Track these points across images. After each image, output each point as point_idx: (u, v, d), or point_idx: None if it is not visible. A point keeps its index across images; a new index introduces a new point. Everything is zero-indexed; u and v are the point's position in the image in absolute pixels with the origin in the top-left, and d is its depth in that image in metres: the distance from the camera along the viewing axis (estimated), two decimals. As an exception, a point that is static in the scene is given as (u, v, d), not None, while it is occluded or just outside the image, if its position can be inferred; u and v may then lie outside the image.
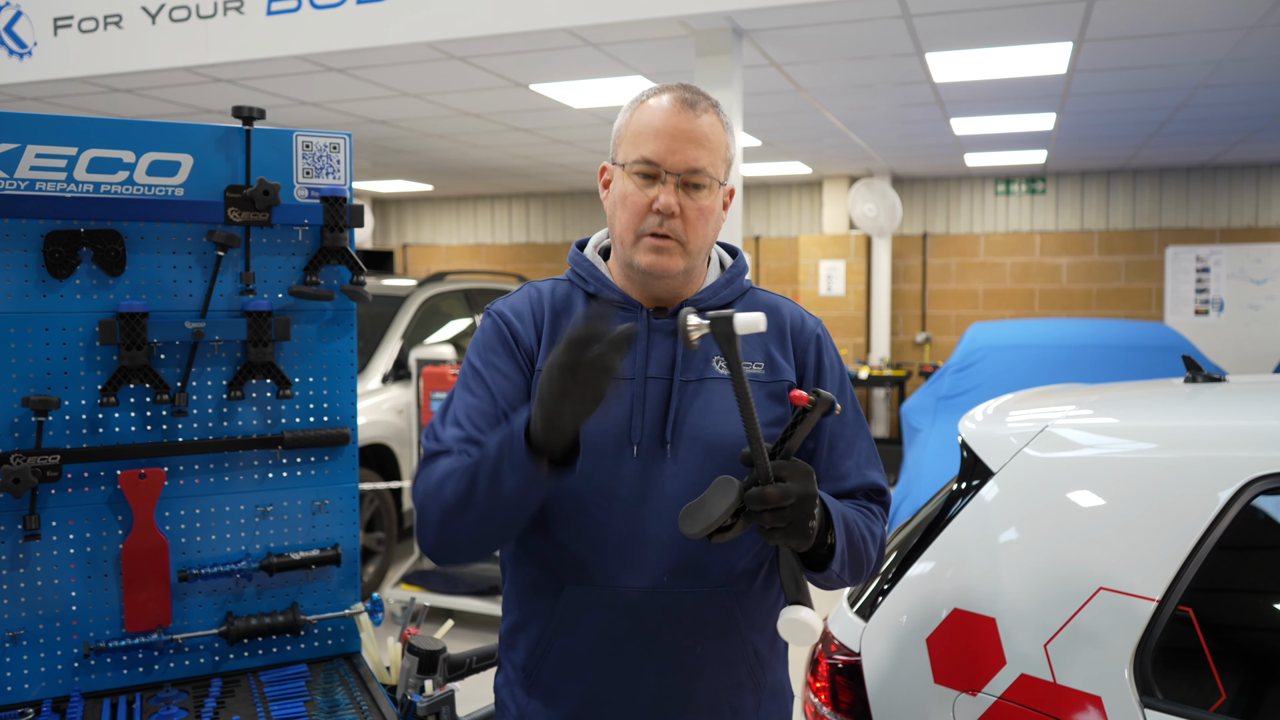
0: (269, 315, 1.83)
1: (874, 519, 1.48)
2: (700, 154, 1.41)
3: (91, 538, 1.75)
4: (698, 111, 1.42)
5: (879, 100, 6.35)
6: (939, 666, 1.75)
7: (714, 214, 1.46)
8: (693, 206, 1.41)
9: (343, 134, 1.89)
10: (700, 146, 1.41)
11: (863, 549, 1.41)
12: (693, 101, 1.43)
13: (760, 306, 1.52)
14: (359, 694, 1.74)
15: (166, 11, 4.87)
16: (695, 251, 1.44)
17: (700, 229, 1.43)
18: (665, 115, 1.41)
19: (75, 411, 1.73)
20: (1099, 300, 9.78)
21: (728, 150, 1.47)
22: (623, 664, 1.43)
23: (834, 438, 1.50)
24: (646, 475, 1.42)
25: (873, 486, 1.51)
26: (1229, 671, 1.55)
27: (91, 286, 1.73)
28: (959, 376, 5.75)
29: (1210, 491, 1.62)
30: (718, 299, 1.51)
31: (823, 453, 1.49)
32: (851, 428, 1.52)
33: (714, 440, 1.42)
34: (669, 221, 1.41)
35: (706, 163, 1.41)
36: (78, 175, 1.71)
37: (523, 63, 5.27)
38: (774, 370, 1.48)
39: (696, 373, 1.45)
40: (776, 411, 1.45)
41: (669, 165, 1.40)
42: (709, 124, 1.43)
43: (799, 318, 1.55)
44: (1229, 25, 4.63)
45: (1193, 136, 7.74)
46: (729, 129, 1.48)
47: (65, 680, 1.73)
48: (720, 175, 1.45)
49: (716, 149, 1.43)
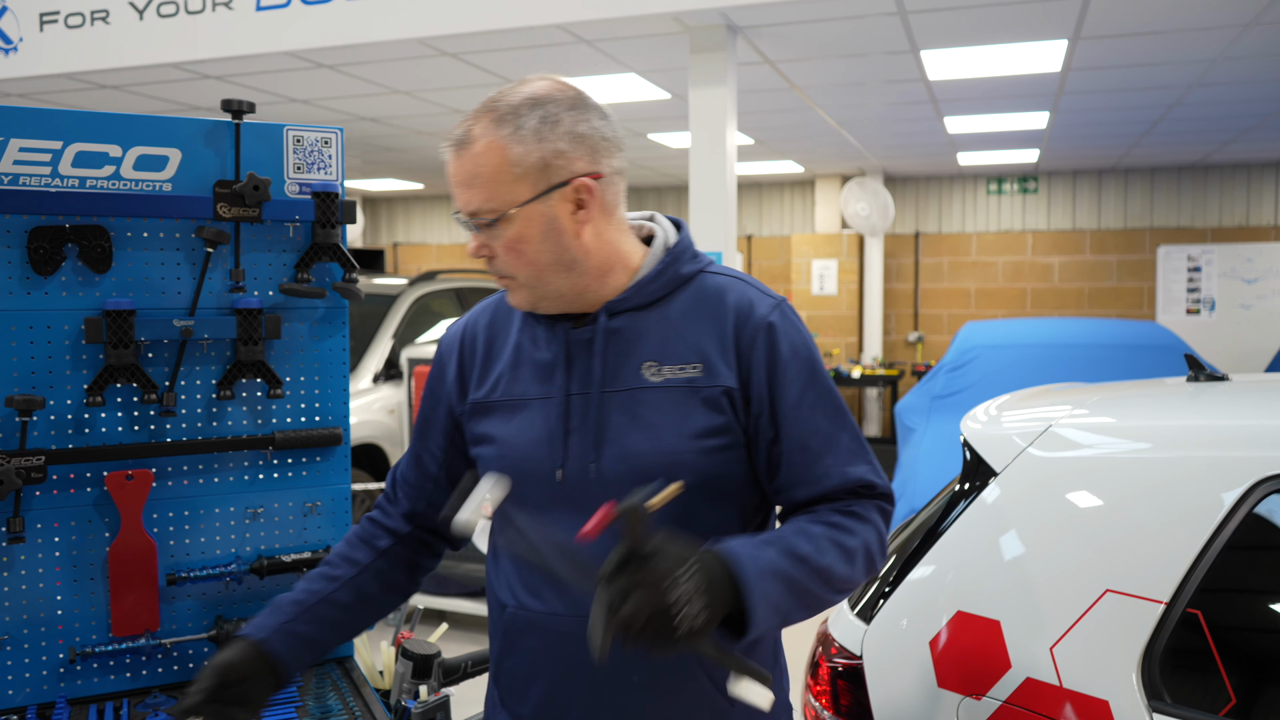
0: (259, 313, 1.79)
1: (849, 528, 1.31)
2: (472, 195, 1.30)
3: (78, 540, 1.71)
4: (464, 148, 1.30)
5: (872, 98, 6.33)
6: (942, 670, 1.72)
7: (535, 238, 1.30)
8: (500, 244, 1.31)
9: (334, 128, 1.86)
10: (470, 187, 1.30)
11: (819, 583, 1.26)
12: (460, 139, 1.31)
13: (706, 295, 1.38)
14: (352, 699, 1.71)
15: (154, 7, 4.82)
16: (535, 282, 1.33)
17: (520, 261, 1.31)
18: (449, 165, 1.33)
19: (60, 411, 1.69)
20: (1091, 299, 9.79)
21: (517, 167, 1.28)
22: (563, 690, 1.36)
23: (806, 436, 1.34)
24: (576, 497, 1.33)
25: (859, 482, 1.35)
26: (1238, 674, 1.52)
27: (77, 284, 1.70)
28: (953, 376, 5.74)
29: (1218, 492, 1.60)
30: (644, 296, 1.37)
31: (794, 455, 1.34)
32: (828, 420, 1.35)
33: (641, 455, 1.31)
34: (494, 263, 1.34)
35: (480, 201, 1.29)
36: (63, 170, 1.67)
37: (515, 59, 5.23)
38: (711, 373, 1.33)
39: (624, 383, 1.34)
40: (715, 420, 1.32)
41: (464, 213, 1.32)
42: (477, 156, 1.29)
43: (746, 305, 1.36)
44: (1223, 23, 4.63)
45: (1185, 135, 7.74)
46: (519, 138, 1.28)
47: (51, 686, 1.69)
48: (506, 203, 1.28)
49: (493, 179, 1.28)
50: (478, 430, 1.43)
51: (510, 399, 1.40)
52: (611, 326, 1.36)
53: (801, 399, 1.34)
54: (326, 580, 1.47)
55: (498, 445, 1.39)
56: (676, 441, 1.31)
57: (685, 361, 1.34)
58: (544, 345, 1.39)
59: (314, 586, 1.46)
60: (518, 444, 1.37)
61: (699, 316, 1.36)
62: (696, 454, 1.31)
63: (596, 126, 1.33)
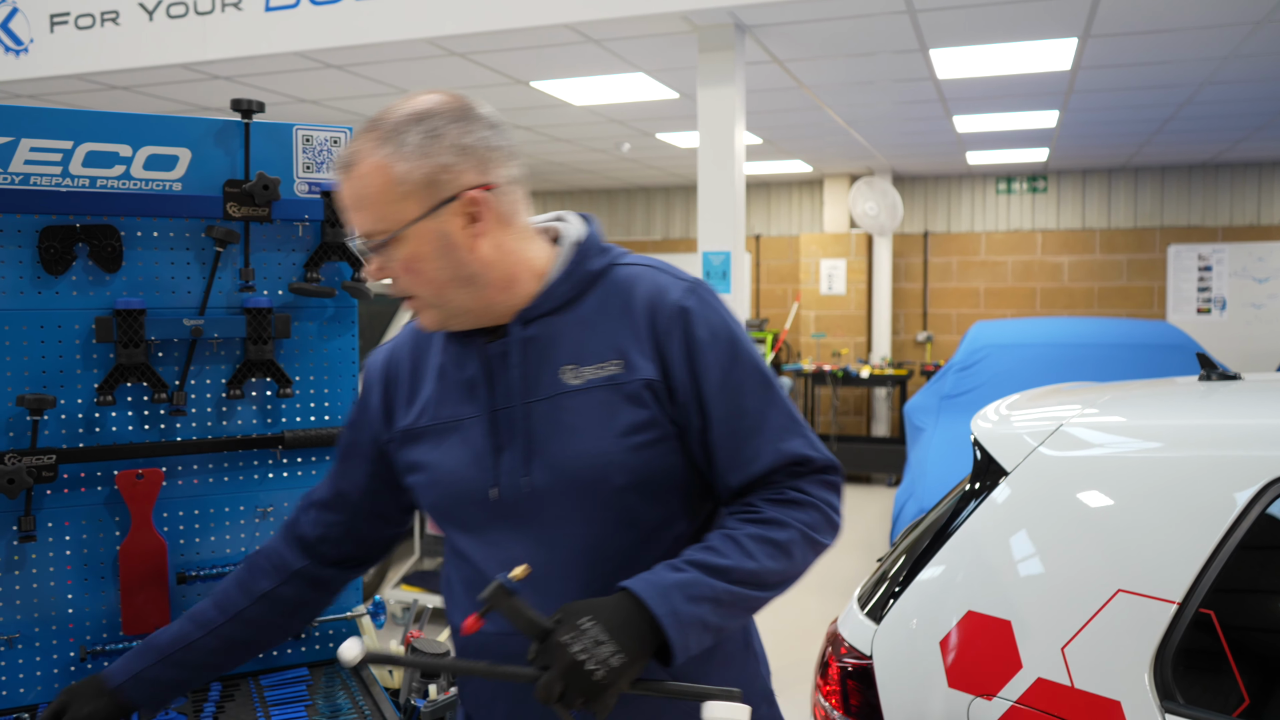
0: (269, 312, 1.80)
1: (779, 523, 1.27)
2: (361, 217, 1.26)
3: (88, 539, 1.72)
4: (348, 170, 1.26)
5: (881, 97, 6.32)
6: (953, 670, 1.72)
7: (431, 256, 1.26)
8: (394, 265, 1.27)
9: (344, 128, 1.86)
10: (359, 209, 1.26)
11: (751, 588, 1.24)
12: (344, 160, 1.27)
13: (618, 289, 1.34)
14: (361, 698, 1.71)
15: (164, 8, 4.83)
16: (438, 300, 1.29)
17: (418, 280, 1.28)
18: (338, 189, 1.30)
19: (71, 410, 1.70)
20: (1101, 299, 9.75)
21: (403, 185, 1.23)
22: (528, 708, 1.31)
23: (733, 419, 1.30)
24: (513, 514, 1.31)
25: (793, 458, 1.30)
26: (1251, 675, 1.51)
27: (88, 283, 1.70)
28: (962, 375, 5.73)
29: (1231, 491, 1.59)
30: (555, 299, 1.33)
31: (723, 440, 1.30)
32: (755, 400, 1.31)
33: (574, 462, 1.28)
34: (394, 285, 1.30)
35: (370, 223, 1.26)
36: (73, 169, 1.67)
37: (524, 59, 5.23)
38: (630, 368, 1.29)
39: (545, 390, 1.31)
40: (638, 415, 1.29)
41: (356, 236, 1.29)
42: (360, 177, 1.25)
43: (658, 293, 1.32)
44: (1234, 21, 4.60)
45: (1196, 134, 7.71)
46: (412, 153, 1.24)
47: (62, 684, 1.70)
48: (398, 221, 1.24)
49: (378, 199, 1.24)
50: (409, 458, 1.39)
51: (438, 423, 1.36)
52: (526, 335, 1.32)
53: (725, 382, 1.30)
54: (197, 625, 1.45)
55: (430, 471, 1.37)
56: (604, 443, 1.28)
57: (604, 359, 1.30)
58: (464, 363, 1.36)
59: (184, 629, 1.45)
60: (450, 468, 1.34)
61: (613, 312, 1.32)
62: (626, 452, 1.28)
63: (484, 137, 1.28)
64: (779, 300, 10.75)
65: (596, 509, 1.29)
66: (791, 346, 10.50)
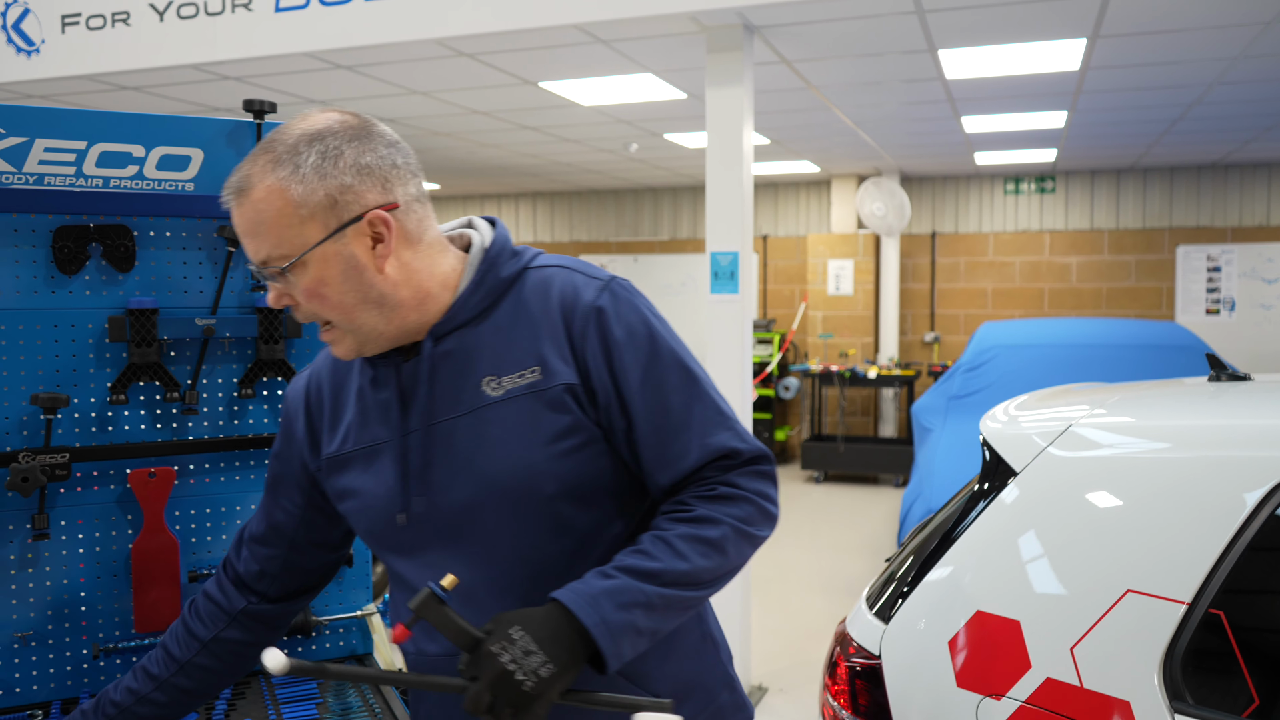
0: (280, 312, 1.80)
1: (709, 520, 1.24)
2: (259, 244, 1.21)
3: (101, 537, 1.73)
4: (242, 195, 1.21)
5: (889, 98, 6.31)
6: (961, 670, 1.72)
7: (336, 279, 1.22)
8: (300, 290, 1.23)
9: (355, 128, 1.86)
10: (256, 236, 1.21)
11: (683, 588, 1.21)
12: (236, 186, 1.22)
13: (533, 293, 1.30)
14: (372, 697, 1.71)
15: (174, 9, 4.85)
16: (350, 323, 1.25)
17: (324, 305, 1.23)
18: (232, 216, 1.24)
19: (84, 409, 1.71)
20: (1109, 300, 9.73)
21: (303, 208, 1.19)
22: None
23: (656, 417, 1.27)
24: (434, 541, 1.29)
25: (720, 452, 1.27)
26: (1261, 676, 1.51)
27: (101, 283, 1.71)
28: (970, 376, 5.73)
29: (1240, 492, 1.59)
30: (468, 310, 1.30)
31: (648, 439, 1.27)
32: (679, 395, 1.28)
33: (502, 474, 1.26)
34: (299, 311, 1.26)
35: (269, 249, 1.21)
36: (87, 170, 1.69)
37: (532, 60, 5.24)
38: (550, 373, 1.26)
39: (466, 405, 1.27)
40: (562, 421, 1.26)
41: (255, 264, 1.24)
42: (256, 203, 1.20)
43: (571, 294, 1.29)
44: (1244, 21, 4.59)
45: (1205, 135, 7.68)
46: (310, 175, 1.19)
47: (75, 682, 1.71)
48: (299, 245, 1.20)
49: (277, 224, 1.19)
50: (338, 485, 1.37)
51: (361, 447, 1.34)
52: (441, 350, 1.29)
53: (645, 380, 1.27)
54: (148, 679, 1.44)
55: (358, 498, 1.34)
56: (530, 452, 1.25)
57: (522, 368, 1.27)
58: (381, 385, 1.33)
59: (136, 684, 1.44)
60: (374, 492, 1.32)
61: (528, 317, 1.29)
62: (553, 460, 1.25)
63: (384, 155, 1.24)
64: (786, 301, 10.74)
65: (528, 519, 1.27)
66: (799, 347, 10.49)
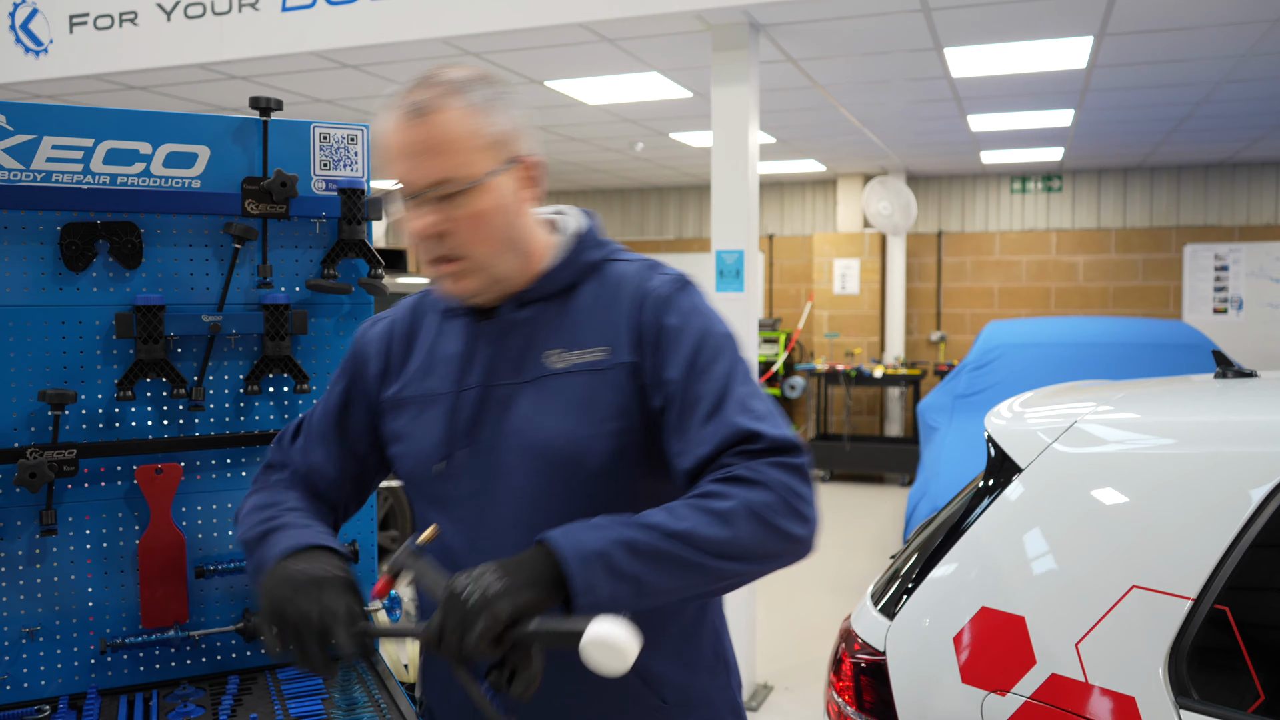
0: (286, 308, 1.81)
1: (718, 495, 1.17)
2: (437, 163, 1.24)
3: (108, 533, 1.73)
4: (423, 115, 1.24)
5: (895, 96, 6.31)
6: (966, 666, 1.72)
7: (493, 212, 1.27)
8: (460, 217, 1.25)
9: (360, 125, 1.87)
10: (435, 154, 1.24)
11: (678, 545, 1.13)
12: (417, 106, 1.25)
13: (611, 282, 1.35)
14: (377, 692, 1.72)
15: (182, 9, 4.87)
16: (487, 261, 1.29)
17: (481, 237, 1.27)
18: (394, 133, 1.27)
19: (92, 405, 1.72)
20: (1116, 299, 9.70)
21: (481, 137, 1.25)
22: None
23: (692, 401, 1.25)
24: (475, 497, 1.32)
25: (740, 433, 1.21)
26: (1267, 671, 1.51)
27: (108, 279, 1.72)
28: (976, 374, 5.72)
29: (1246, 488, 1.58)
30: (552, 285, 1.35)
31: (678, 420, 1.26)
32: (716, 385, 1.26)
33: (551, 443, 1.28)
34: (444, 242, 1.27)
35: (447, 170, 1.24)
36: (94, 167, 1.69)
37: (538, 59, 5.24)
38: (614, 354, 1.31)
39: (529, 372, 1.32)
40: (616, 401, 1.29)
41: (414, 185, 1.26)
42: (441, 124, 1.24)
43: (645, 285, 1.34)
44: (1253, 19, 4.58)
45: (1213, 133, 7.66)
46: (483, 108, 1.26)
47: (82, 677, 1.72)
48: (479, 170, 1.25)
49: (459, 147, 1.24)
50: (391, 427, 1.42)
51: (419, 395, 1.39)
52: (518, 317, 1.35)
53: (689, 366, 1.27)
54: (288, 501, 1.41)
55: (405, 443, 1.39)
56: (581, 426, 1.29)
57: (590, 346, 1.32)
58: (451, 340, 1.38)
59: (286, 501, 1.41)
60: (420, 439, 1.37)
61: (605, 303, 1.34)
62: (601, 437, 1.28)
63: (524, 113, 1.32)
64: (792, 300, 10.73)
65: (564, 491, 1.28)
66: (805, 346, 10.48)
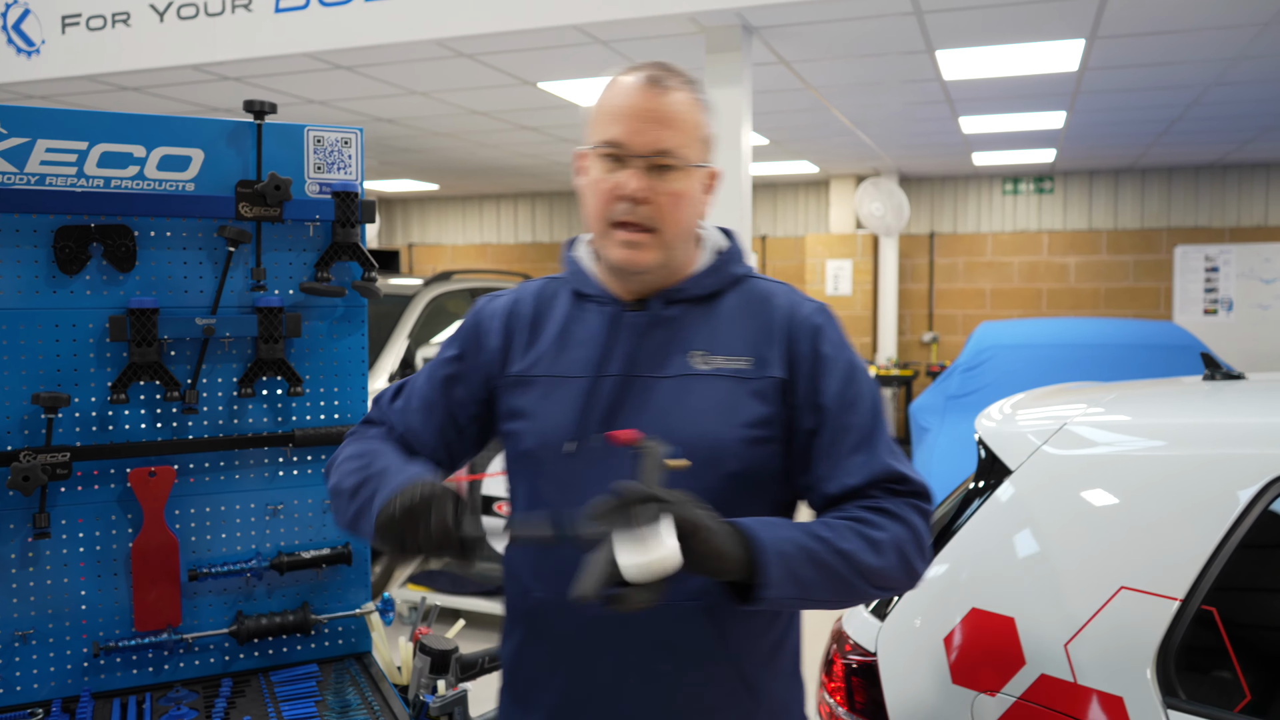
0: (280, 312, 1.81)
1: (875, 522, 1.27)
2: (667, 134, 1.31)
3: (101, 536, 1.74)
4: (665, 89, 1.32)
5: (888, 98, 6.32)
6: (957, 666, 1.73)
7: (690, 198, 1.35)
8: (665, 190, 1.32)
9: (354, 129, 1.88)
10: (667, 126, 1.31)
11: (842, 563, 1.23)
12: (660, 79, 1.33)
13: (754, 297, 1.42)
14: (370, 694, 1.72)
15: (174, 9, 4.86)
16: (671, 241, 1.35)
17: (675, 215, 1.34)
18: (630, 94, 1.32)
19: (85, 409, 1.72)
20: (1107, 300, 9.74)
21: (702, 130, 1.37)
22: (589, 676, 1.36)
23: (842, 431, 1.34)
24: (600, 480, 1.31)
25: (889, 474, 1.32)
26: (1253, 671, 1.52)
27: (102, 282, 1.72)
28: (968, 375, 5.73)
29: (1234, 489, 1.60)
30: (699, 288, 1.41)
31: (828, 448, 1.34)
32: (864, 417, 1.35)
33: (692, 440, 1.30)
34: (639, 209, 1.32)
35: (675, 143, 1.32)
36: (88, 170, 1.69)
37: (531, 60, 5.25)
38: (761, 366, 1.36)
39: (672, 369, 1.36)
40: (760, 410, 1.34)
41: (634, 147, 1.31)
42: (678, 102, 1.33)
43: (794, 307, 1.41)
44: (1242, 22, 4.60)
45: (1203, 135, 7.69)
46: (706, 108, 1.38)
47: (75, 680, 1.72)
48: (693, 157, 1.35)
49: (687, 129, 1.33)
50: (513, 404, 1.43)
51: (550, 375, 1.41)
52: (666, 314, 1.39)
53: (840, 395, 1.35)
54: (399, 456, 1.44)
55: (530, 419, 1.40)
56: (723, 429, 1.32)
57: (735, 354, 1.37)
58: (593, 326, 1.41)
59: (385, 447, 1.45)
60: (549, 418, 1.38)
61: (749, 315, 1.40)
62: (741, 443, 1.32)
63: None
64: (785, 301, 10.74)
65: (696, 487, 1.27)
66: (798, 347, 10.48)
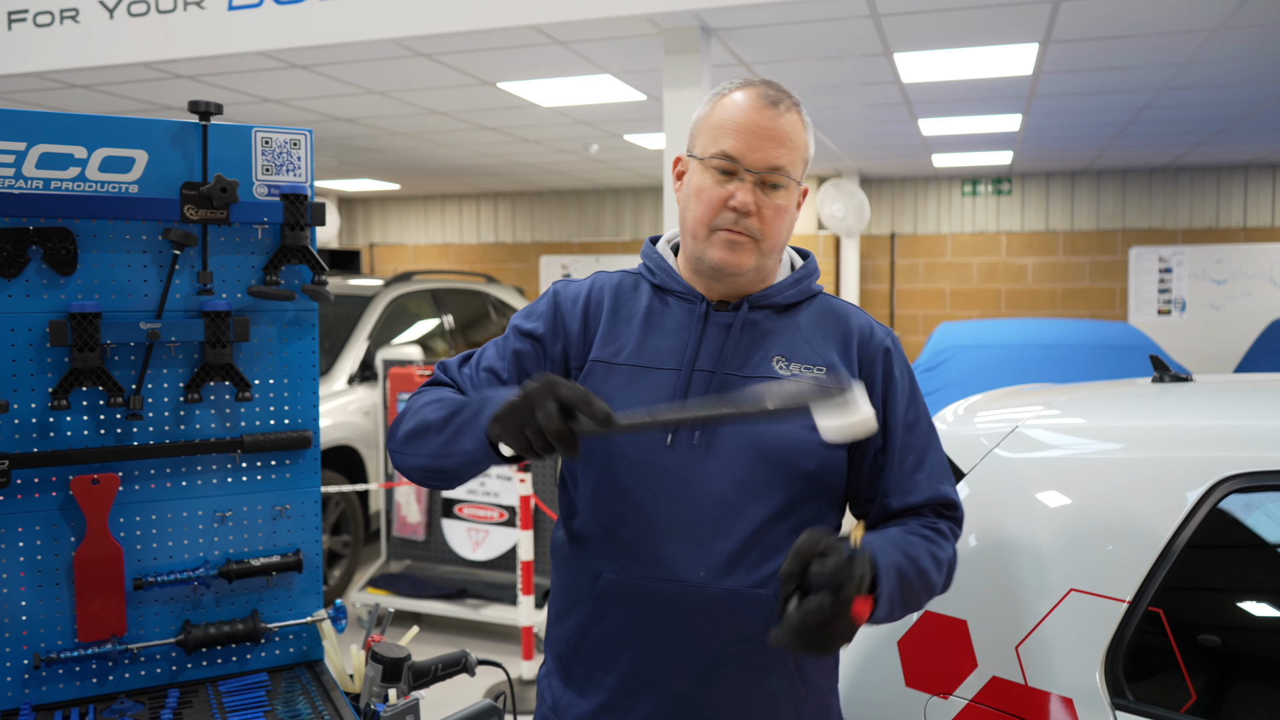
0: (227, 316, 1.78)
1: (939, 542, 1.42)
2: (781, 153, 1.41)
3: (42, 545, 1.69)
4: (780, 110, 1.42)
5: (847, 100, 6.36)
6: (910, 669, 1.74)
7: (790, 213, 1.45)
8: (770, 205, 1.42)
9: (303, 130, 1.85)
10: (781, 145, 1.41)
11: (920, 584, 1.36)
12: (776, 99, 1.43)
13: (829, 313, 1.51)
14: (321, 703, 1.70)
15: (125, 6, 4.78)
16: (769, 250, 1.45)
17: (776, 228, 1.43)
18: (747, 111, 1.41)
19: (25, 415, 1.68)
20: (1064, 300, 9.88)
21: (807, 150, 1.47)
22: (654, 657, 1.41)
23: (906, 450, 1.46)
24: (684, 469, 1.40)
25: (943, 500, 1.47)
26: (1199, 672, 1.54)
27: (41, 286, 1.68)
28: (927, 376, 5.78)
29: (1180, 491, 1.62)
30: (782, 298, 1.50)
31: (894, 465, 1.46)
32: (924, 439, 1.49)
33: (772, 438, 1.39)
34: (745, 220, 1.41)
35: (786, 162, 1.41)
36: (26, 171, 1.65)
37: (490, 60, 5.22)
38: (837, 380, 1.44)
39: (754, 370, 1.43)
40: None
41: (749, 162, 1.40)
42: (791, 123, 1.43)
43: (867, 328, 1.52)
44: (1192, 28, 4.68)
45: (1156, 138, 7.83)
46: (809, 128, 1.48)
47: (15, 693, 1.68)
48: (798, 175, 1.45)
49: (797, 148, 1.43)
50: (596, 389, 1.46)
51: (636, 364, 1.46)
52: (750, 318, 1.47)
53: (905, 415, 1.46)
54: None
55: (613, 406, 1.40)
56: (801, 431, 1.37)
57: (812, 363, 1.45)
58: (679, 322, 1.48)
59: None
60: (634, 406, 1.39)
61: (825, 329, 1.49)
62: (820, 446, 1.37)
63: None
64: (747, 301, 10.78)
65: (775, 484, 1.39)
66: (760, 347, 10.53)
